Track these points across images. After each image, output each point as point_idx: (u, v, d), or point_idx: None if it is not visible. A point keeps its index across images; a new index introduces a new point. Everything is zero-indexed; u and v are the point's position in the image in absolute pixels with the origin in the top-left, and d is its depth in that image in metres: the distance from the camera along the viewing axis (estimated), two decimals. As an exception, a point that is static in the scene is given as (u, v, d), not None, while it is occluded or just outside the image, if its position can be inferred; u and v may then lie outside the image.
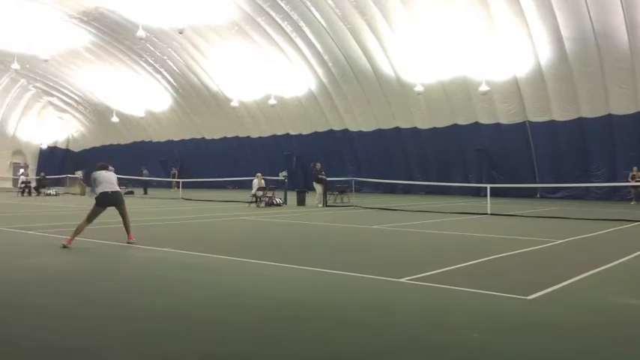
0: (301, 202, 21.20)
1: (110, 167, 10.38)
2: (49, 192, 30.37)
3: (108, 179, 9.97)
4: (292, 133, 35.20)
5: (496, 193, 22.65)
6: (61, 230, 11.84)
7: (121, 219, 9.99)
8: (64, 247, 9.16)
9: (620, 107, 23.59)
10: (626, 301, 5.75)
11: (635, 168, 22.62)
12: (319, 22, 27.17)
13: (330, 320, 4.99)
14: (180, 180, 30.51)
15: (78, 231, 9.52)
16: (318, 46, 28.69)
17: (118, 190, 10.15)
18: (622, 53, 21.99)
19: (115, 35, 32.91)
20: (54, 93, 43.93)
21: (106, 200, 9.81)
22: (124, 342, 4.34)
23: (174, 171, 36.59)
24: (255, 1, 27.10)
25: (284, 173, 23.57)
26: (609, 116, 24.06)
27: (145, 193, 31.39)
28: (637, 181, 21.84)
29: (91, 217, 9.73)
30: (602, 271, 7.29)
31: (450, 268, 7.37)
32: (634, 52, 21.70)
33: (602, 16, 21.30)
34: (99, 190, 9.83)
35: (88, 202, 22.64)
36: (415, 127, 29.91)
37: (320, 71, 30.28)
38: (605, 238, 11.05)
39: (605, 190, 24.65)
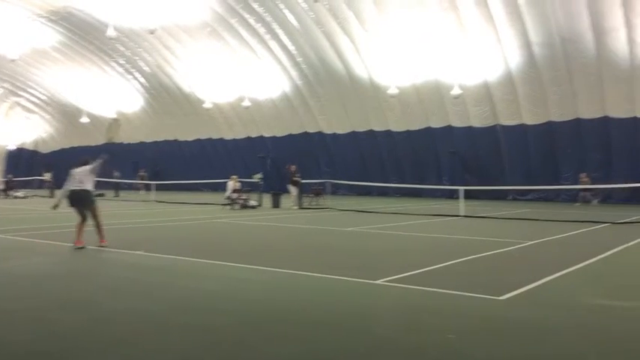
0: (276, 204, 21.15)
1: (93, 162, 9.66)
2: (17, 194, 29.67)
3: (77, 176, 9.44)
4: (266, 135, 35.08)
5: (469, 196, 22.92)
6: (31, 233, 11.59)
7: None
8: (78, 248, 9.09)
9: (588, 111, 24.15)
10: (597, 301, 5.88)
11: (584, 174, 23.25)
12: (292, 24, 27.16)
13: (305, 322, 4.98)
14: (150, 182, 30.14)
15: (79, 230, 9.39)
16: (291, 48, 28.67)
17: (86, 189, 9.41)
18: (588, 58, 22.53)
19: (85, 35, 32.36)
20: (21, 93, 42.94)
21: (71, 199, 9.40)
22: (97, 346, 4.27)
23: (142, 173, 35.71)
24: (228, 2, 26.96)
25: (259, 175, 23.47)
26: (577, 120, 24.61)
27: (116, 195, 30.91)
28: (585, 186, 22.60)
29: (79, 216, 9.48)
30: (572, 271, 7.44)
31: (424, 270, 7.43)
32: (600, 57, 22.25)
33: (569, 21, 21.80)
34: (67, 187, 9.49)
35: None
36: (389, 130, 30.11)
37: (294, 73, 30.26)
38: (575, 240, 11.28)
39: (574, 192, 25.17)
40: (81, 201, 9.44)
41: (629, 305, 5.75)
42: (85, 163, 9.68)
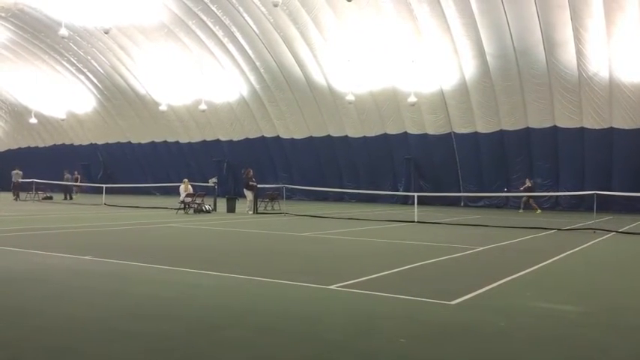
0: (231, 209, 20.93)
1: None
2: (-42, 197, 28.37)
3: None
4: (223, 139, 34.72)
5: (423, 202, 23.30)
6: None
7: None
8: None
9: (537, 121, 24.94)
10: (544, 305, 6.05)
11: (528, 179, 24.01)
12: (251, 28, 27.03)
13: (257, 328, 4.93)
14: (82, 184, 29.43)
15: None
16: (250, 52, 28.52)
17: None
18: (539, 70, 23.29)
19: (36, 33, 31.33)
20: (-34, 91, 41.19)
21: None
22: (39, 355, 4.10)
23: (77, 175, 34.17)
24: (186, 3, 26.61)
25: (214, 179, 23.18)
26: (527, 129, 25.38)
27: (69, 198, 29.93)
28: (526, 191, 23.29)
29: None
30: (520, 276, 7.64)
31: (377, 275, 7.49)
32: (550, 69, 23.04)
33: (522, 34, 22.48)
34: None
35: (3, 208, 21.34)
36: (346, 136, 30.30)
37: (252, 77, 30.10)
38: (523, 245, 11.59)
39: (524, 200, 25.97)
40: None
41: (575, 309, 5.93)
42: None
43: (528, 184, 23.74)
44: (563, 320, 5.45)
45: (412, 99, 25.24)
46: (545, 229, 15.02)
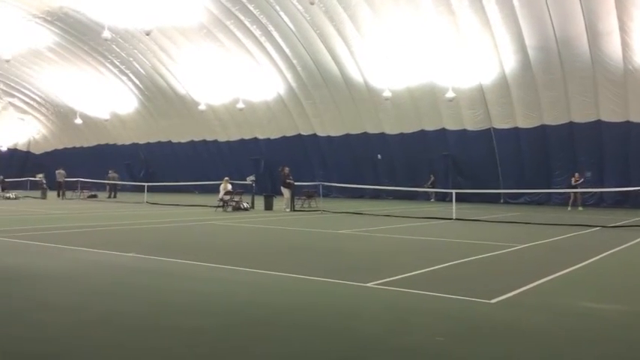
0: (269, 206, 21.11)
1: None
2: (8, 195, 29.50)
3: None
4: (260, 137, 35.04)
5: (461, 199, 23.01)
6: (21, 234, 11.53)
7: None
8: None
9: (581, 115, 24.25)
10: (586, 304, 5.90)
11: (576, 174, 23.24)
12: (288, 26, 27.17)
13: (295, 324, 4.97)
14: (119, 182, 30.04)
15: None
16: (287, 50, 28.68)
17: None
18: (583, 62, 22.63)
19: (80, 36, 32.25)
20: (15, 94, 42.71)
21: None
22: (85, 349, 4.24)
23: (113, 174, 34.65)
24: (224, 4, 26.94)
25: (251, 177, 23.42)
26: (570, 124, 24.72)
27: (113, 196, 30.73)
28: (576, 188, 22.52)
29: None
30: (562, 275, 7.46)
31: (415, 273, 7.44)
32: (595, 61, 22.36)
33: (564, 25, 21.89)
34: None
35: (50, 206, 22.09)
36: (383, 133, 30.15)
37: (289, 75, 30.26)
38: (566, 243, 11.31)
39: (567, 196, 25.29)
40: None
41: (618, 309, 5.77)
42: None
43: (579, 178, 23.02)
44: (607, 320, 5.30)
45: (450, 94, 24.92)
46: (589, 226, 14.61)
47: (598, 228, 14.33)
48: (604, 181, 24.23)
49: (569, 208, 22.81)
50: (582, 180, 23.10)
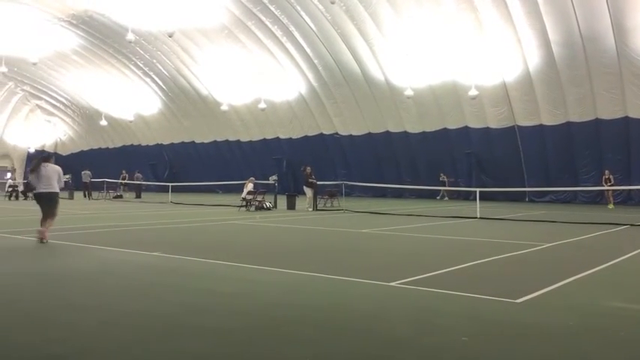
0: (291, 206, 21.17)
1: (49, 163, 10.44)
2: (36, 196, 30.06)
3: (45, 177, 10.27)
4: (282, 136, 35.17)
5: (485, 197, 22.79)
6: (49, 234, 11.73)
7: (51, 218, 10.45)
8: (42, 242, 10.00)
9: (607, 112, 23.82)
10: (615, 304, 5.79)
11: (607, 171, 22.72)
12: (309, 26, 27.21)
13: (321, 324, 4.98)
14: (130, 182, 30.33)
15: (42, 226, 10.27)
16: (308, 50, 28.72)
17: (54, 191, 10.43)
18: (609, 58, 22.22)
19: (104, 38, 32.75)
20: (42, 96, 43.60)
21: (40, 199, 10.43)
22: (108, 349, 4.29)
23: (124, 174, 35.27)
24: (245, 4, 27.09)
25: (274, 177, 23.52)
26: (597, 121, 24.29)
27: (138, 196, 31.16)
28: (610, 185, 21.96)
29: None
30: (589, 274, 7.34)
31: (439, 272, 7.39)
32: (621, 56, 21.94)
33: (590, 20, 21.52)
34: (37, 188, 10.34)
35: (76, 206, 22.46)
36: (405, 131, 30.01)
37: (310, 75, 30.30)
38: (593, 242, 11.12)
39: (593, 194, 24.88)
40: (49, 201, 10.42)
41: (649, 309, 5.65)
42: (47, 160, 10.60)
43: (609, 176, 22.46)
44: (635, 321, 5.20)
45: (473, 92, 24.70)
46: (617, 224, 14.34)
47: (626, 226, 14.06)
48: (631, 179, 23.75)
49: (610, 206, 22.07)
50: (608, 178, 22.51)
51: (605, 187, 22.19)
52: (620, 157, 24.22)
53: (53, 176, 10.40)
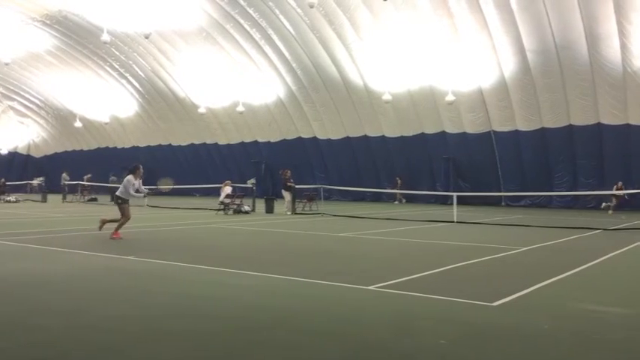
0: (270, 209, 21.10)
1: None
2: (8, 199, 29.50)
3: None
4: (261, 140, 35.05)
5: (462, 202, 22.98)
6: (21, 238, 11.50)
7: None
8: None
9: (581, 118, 24.27)
10: (589, 307, 5.89)
11: (620, 183, 22.38)
12: (288, 30, 27.20)
13: (298, 329, 4.96)
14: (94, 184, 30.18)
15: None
16: (286, 53, 28.70)
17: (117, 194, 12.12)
18: (582, 66, 22.65)
19: (79, 39, 32.29)
20: (15, 97, 42.75)
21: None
22: (85, 353, 4.22)
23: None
24: (223, 7, 26.97)
25: (252, 181, 23.42)
26: (570, 127, 24.73)
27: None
28: (616, 194, 21.79)
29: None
30: (564, 277, 7.45)
31: (417, 276, 7.42)
32: (593, 64, 22.38)
33: (563, 29, 21.92)
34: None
35: (48, 209, 22.03)
36: (383, 136, 30.16)
37: (288, 78, 30.29)
38: (567, 246, 11.30)
39: (568, 199, 25.30)
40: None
41: (621, 311, 5.76)
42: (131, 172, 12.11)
43: (622, 187, 22.19)
44: (610, 323, 5.29)
45: (450, 97, 24.94)
46: (591, 229, 14.61)
47: (599, 231, 14.33)
48: (604, 184, 24.21)
49: (623, 217, 21.59)
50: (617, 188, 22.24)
51: (617, 192, 21.74)
52: (593, 162, 24.69)
53: None
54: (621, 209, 22.15)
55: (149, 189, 13.01)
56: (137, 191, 12.13)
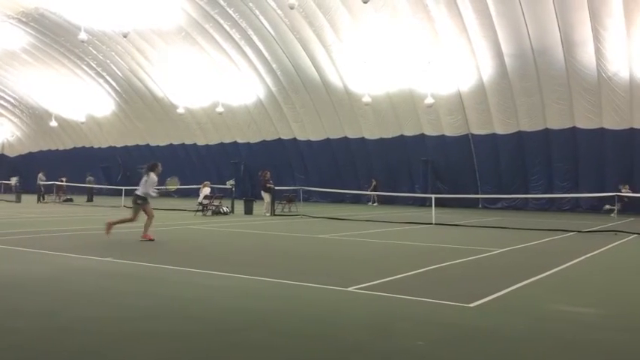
0: (249, 210, 21.01)
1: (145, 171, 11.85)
2: (-19, 199, 28.89)
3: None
4: (240, 141, 34.90)
5: (441, 203, 23.18)
6: (-6, 239, 11.28)
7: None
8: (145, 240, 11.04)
9: (557, 122, 24.66)
10: (564, 308, 5.97)
11: (627, 186, 22.11)
12: (268, 30, 27.15)
13: (276, 330, 4.93)
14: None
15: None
16: (266, 54, 28.64)
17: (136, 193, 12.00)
18: (558, 70, 23.04)
19: (56, 37, 31.82)
20: (-12, 95, 41.95)
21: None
22: (60, 356, 4.15)
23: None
24: (203, 7, 26.82)
25: (231, 182, 23.30)
26: (546, 130, 25.11)
27: (90, 200, 30.26)
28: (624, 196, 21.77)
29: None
30: (540, 279, 7.55)
31: (395, 277, 7.45)
32: (569, 69, 22.78)
33: (540, 34, 22.28)
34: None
35: (23, 209, 21.65)
36: (363, 137, 30.27)
37: (268, 79, 30.22)
38: (543, 248, 11.46)
39: (543, 201, 25.69)
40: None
41: (595, 312, 5.85)
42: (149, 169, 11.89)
43: (629, 189, 21.95)
44: (585, 324, 5.37)
45: (429, 100, 25.14)
46: (566, 231, 14.83)
47: (574, 233, 14.56)
48: (579, 187, 24.67)
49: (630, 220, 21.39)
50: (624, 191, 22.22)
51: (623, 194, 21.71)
52: (568, 165, 25.12)
53: None
54: (625, 213, 21.69)
55: (157, 189, 12.64)
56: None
